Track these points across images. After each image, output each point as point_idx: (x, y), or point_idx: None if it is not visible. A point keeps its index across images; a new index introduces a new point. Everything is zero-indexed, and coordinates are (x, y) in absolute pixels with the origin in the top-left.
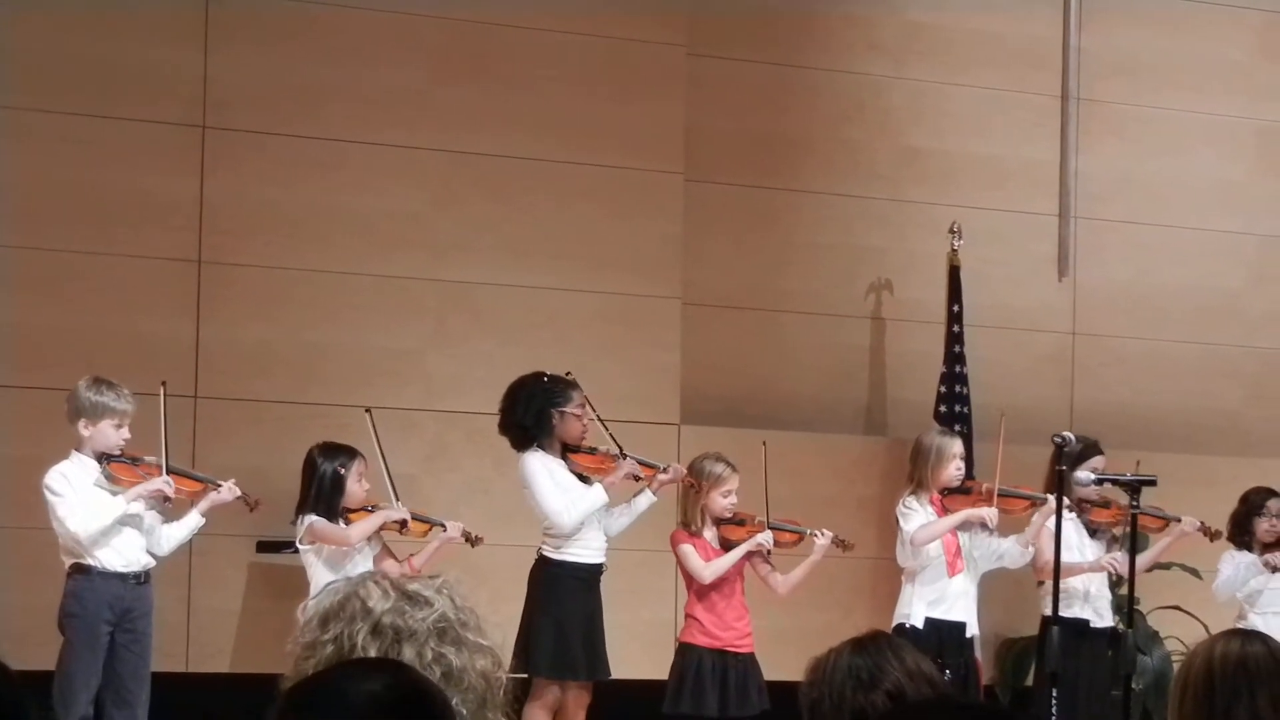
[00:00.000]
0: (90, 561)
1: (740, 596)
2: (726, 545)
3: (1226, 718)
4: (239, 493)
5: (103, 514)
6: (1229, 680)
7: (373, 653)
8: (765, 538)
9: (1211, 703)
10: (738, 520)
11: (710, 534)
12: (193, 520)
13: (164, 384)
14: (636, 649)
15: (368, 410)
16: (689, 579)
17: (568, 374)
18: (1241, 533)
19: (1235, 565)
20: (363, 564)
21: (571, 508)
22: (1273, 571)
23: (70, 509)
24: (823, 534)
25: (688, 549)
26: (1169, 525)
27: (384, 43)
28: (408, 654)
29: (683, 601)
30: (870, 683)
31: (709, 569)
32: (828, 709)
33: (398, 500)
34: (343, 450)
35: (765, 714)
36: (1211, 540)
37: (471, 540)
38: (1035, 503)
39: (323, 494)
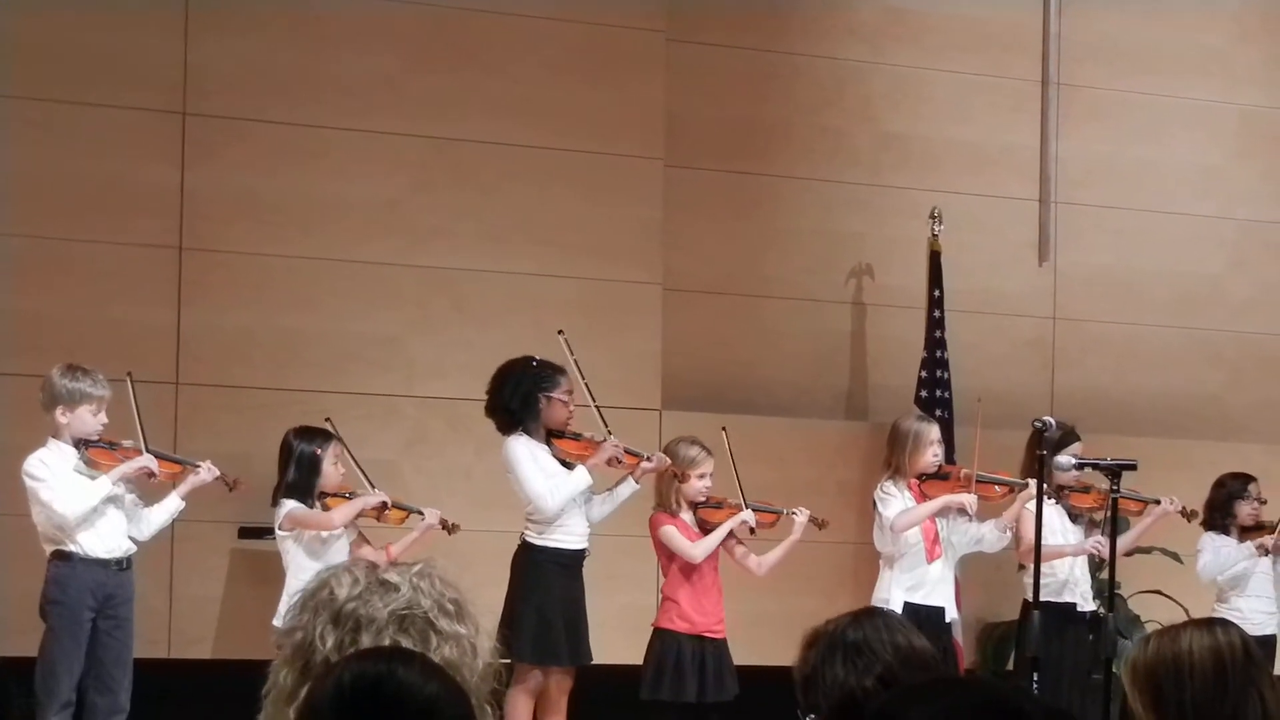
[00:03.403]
0: (72, 548)
1: (717, 581)
2: (704, 528)
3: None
4: (218, 473)
5: (88, 495)
6: (1169, 676)
7: (330, 641)
8: (748, 515)
9: (1155, 695)
10: (714, 503)
11: (688, 517)
12: (173, 503)
13: (130, 374)
14: (616, 634)
15: (328, 420)
16: (668, 561)
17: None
18: (1222, 517)
19: (1216, 549)
20: (341, 551)
21: (556, 491)
22: (1264, 554)
23: (54, 493)
24: (800, 512)
25: (672, 530)
26: (1147, 507)
27: (363, 29)
28: (365, 642)
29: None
30: (864, 667)
31: (698, 548)
32: (820, 686)
33: (373, 488)
34: (318, 433)
35: (737, 699)
36: (1189, 521)
37: (449, 528)
38: (1013, 488)
39: (300, 476)
